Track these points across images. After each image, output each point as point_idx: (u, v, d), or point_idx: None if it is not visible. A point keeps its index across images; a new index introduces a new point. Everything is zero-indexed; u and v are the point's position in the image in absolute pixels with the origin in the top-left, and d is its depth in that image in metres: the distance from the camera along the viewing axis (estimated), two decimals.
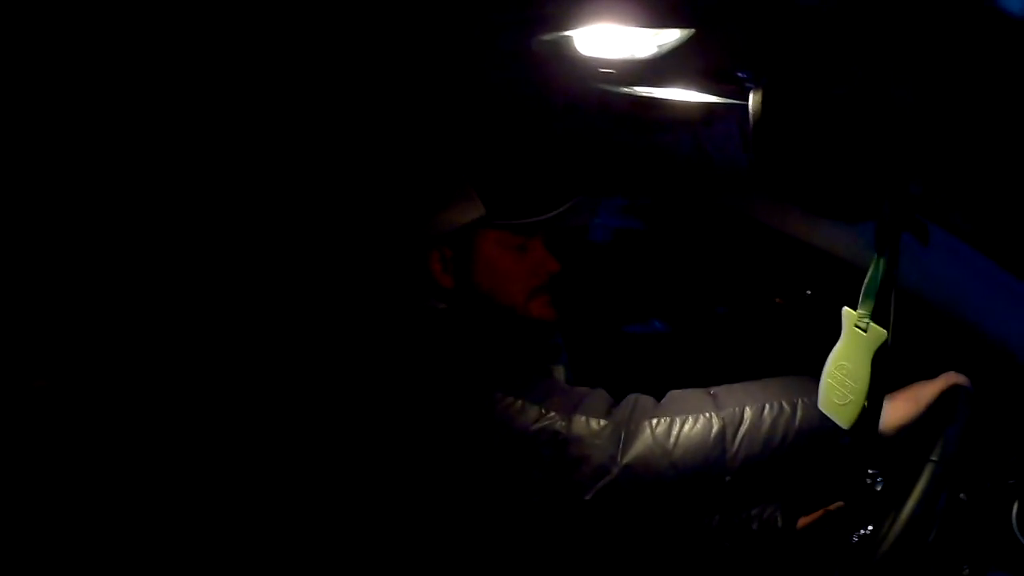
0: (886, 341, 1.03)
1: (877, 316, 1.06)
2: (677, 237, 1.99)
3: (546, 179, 1.57)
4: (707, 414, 1.29)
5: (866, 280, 1.04)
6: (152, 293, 1.70)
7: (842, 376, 1.10)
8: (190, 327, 1.74)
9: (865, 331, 1.06)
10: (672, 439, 1.27)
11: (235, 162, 1.72)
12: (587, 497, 1.28)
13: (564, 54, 1.04)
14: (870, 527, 1.31)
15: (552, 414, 1.31)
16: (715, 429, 1.27)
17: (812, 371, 1.19)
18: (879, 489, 1.37)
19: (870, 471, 1.38)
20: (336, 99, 1.53)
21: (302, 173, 1.78)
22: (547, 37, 1.03)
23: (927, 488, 1.22)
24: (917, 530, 1.22)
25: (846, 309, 1.10)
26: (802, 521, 1.54)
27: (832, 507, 1.49)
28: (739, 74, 1.00)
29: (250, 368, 1.76)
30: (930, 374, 1.30)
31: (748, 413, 1.29)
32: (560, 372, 1.65)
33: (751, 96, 0.90)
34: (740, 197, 1.48)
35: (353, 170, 1.73)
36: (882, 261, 1.02)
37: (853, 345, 1.09)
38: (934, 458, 1.23)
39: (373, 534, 1.47)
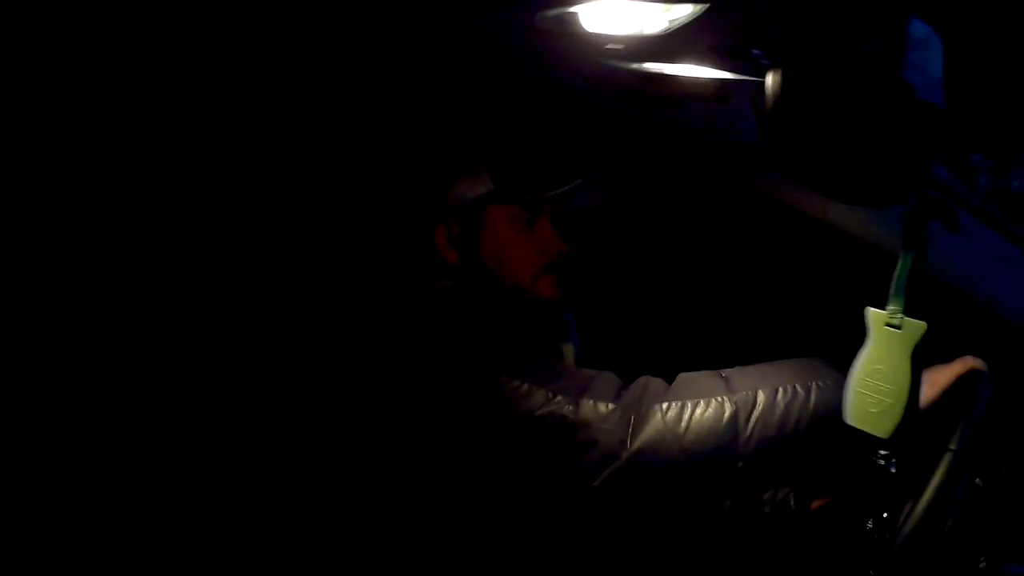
0: (925, 334, 1.00)
1: (911, 310, 1.02)
2: (688, 215, 1.96)
3: (555, 155, 1.54)
4: (719, 398, 1.26)
5: (896, 275, 1.01)
6: (151, 279, 1.68)
7: (876, 382, 1.07)
8: (190, 312, 1.72)
9: (899, 328, 1.02)
10: (683, 424, 1.25)
11: (239, 135, 1.69)
12: (596, 483, 1.25)
13: (569, 30, 1.00)
14: (884, 513, 1.30)
15: (559, 398, 1.28)
16: (727, 413, 1.25)
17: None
18: (893, 472, 1.35)
19: (884, 454, 1.35)
20: (343, 75, 1.50)
21: (307, 150, 1.75)
22: (552, 13, 0.98)
23: (945, 478, 1.20)
24: (934, 521, 1.20)
25: (872, 310, 1.06)
26: (815, 505, 1.52)
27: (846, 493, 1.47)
28: (754, 51, 0.96)
29: (251, 351, 1.74)
30: (946, 358, 1.27)
31: (761, 397, 1.26)
32: (570, 352, 1.62)
33: (769, 76, 0.86)
34: (754, 174, 1.44)
35: (361, 144, 1.71)
36: (909, 253, 0.98)
37: (886, 346, 1.05)
38: (952, 447, 1.20)
39: (377, 524, 1.45)
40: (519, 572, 1.40)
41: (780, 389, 1.26)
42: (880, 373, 1.06)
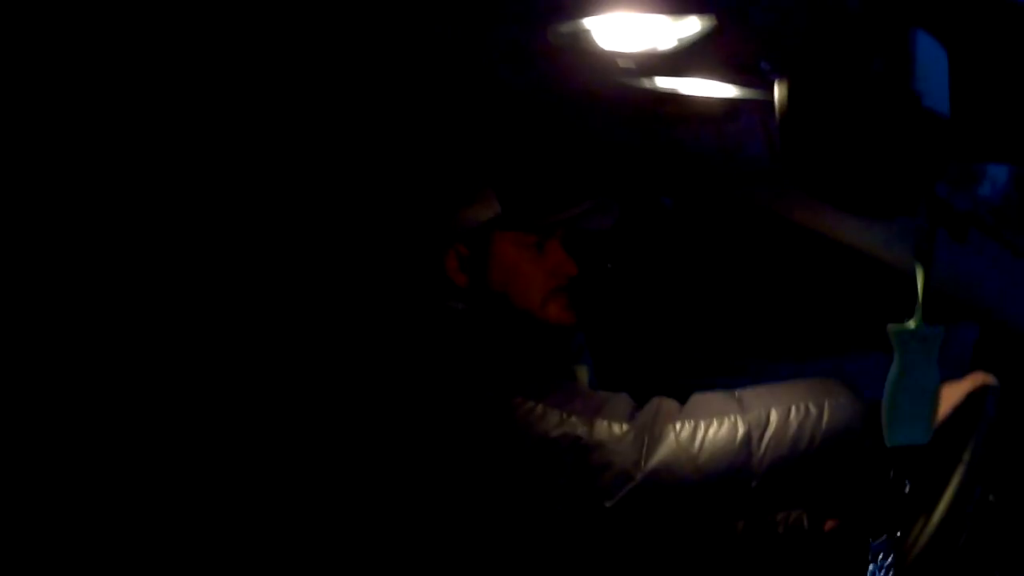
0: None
1: (928, 317, 1.04)
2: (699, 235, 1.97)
3: (564, 178, 1.55)
4: (732, 417, 1.27)
5: (919, 290, 1.02)
6: (159, 296, 1.69)
7: (909, 394, 1.08)
8: (198, 331, 1.73)
9: (925, 339, 1.04)
10: (697, 444, 1.25)
11: (247, 159, 1.70)
12: (609, 504, 1.26)
13: (581, 47, 1.02)
14: (897, 531, 1.29)
15: (573, 419, 1.28)
16: (741, 433, 1.25)
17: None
18: (906, 490, 1.35)
19: (896, 472, 1.35)
20: (351, 97, 1.51)
21: (317, 172, 1.77)
22: (563, 28, 1.00)
23: (958, 491, 1.20)
24: (948, 534, 1.20)
25: (894, 327, 1.08)
26: (829, 524, 1.51)
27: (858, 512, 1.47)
28: (762, 65, 0.97)
29: (261, 374, 1.75)
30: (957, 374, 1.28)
31: (774, 416, 1.26)
32: (583, 374, 1.62)
33: (776, 87, 0.88)
34: (764, 193, 1.45)
35: (369, 168, 1.72)
36: (921, 265, 1.00)
37: (915, 359, 1.07)
38: (965, 458, 1.20)
39: (388, 545, 1.44)
40: None
41: (793, 408, 1.26)
42: (914, 388, 1.08)
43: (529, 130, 1.52)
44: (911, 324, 1.05)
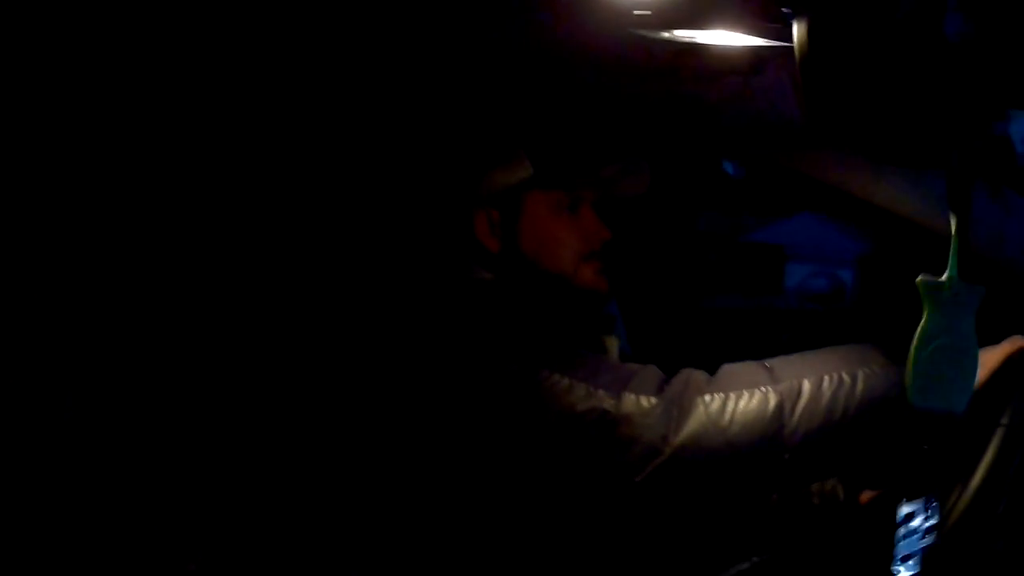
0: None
1: (965, 274, 1.00)
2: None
3: (595, 137, 1.52)
4: (763, 388, 1.24)
5: (955, 243, 0.98)
6: (167, 276, 1.70)
7: (943, 355, 1.04)
8: (221, 306, 1.74)
9: (959, 296, 1.00)
10: (727, 416, 1.23)
11: (271, 125, 1.70)
12: (638, 479, 1.24)
13: None
14: (935, 500, 1.26)
15: (600, 392, 1.26)
16: (772, 404, 1.23)
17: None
18: (943, 457, 1.31)
19: (933, 439, 1.31)
20: (373, 62, 1.49)
21: (340, 135, 1.76)
22: None
23: (996, 457, 1.17)
24: (986, 501, 1.16)
25: (925, 280, 1.04)
26: (865, 496, 1.48)
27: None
28: (783, 10, 0.94)
29: (283, 346, 1.75)
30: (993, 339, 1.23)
31: (807, 386, 1.24)
32: (614, 344, 1.60)
33: (795, 27, 0.84)
34: (795, 152, 1.41)
35: (398, 133, 1.71)
36: (956, 216, 0.96)
37: (947, 316, 1.03)
38: (1004, 422, 1.17)
39: (411, 521, 1.43)
40: (560, 569, 1.38)
41: (826, 377, 1.24)
42: (945, 346, 1.04)
43: (554, 88, 1.49)
44: (944, 278, 1.00)
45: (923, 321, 1.06)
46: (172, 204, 1.68)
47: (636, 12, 1.02)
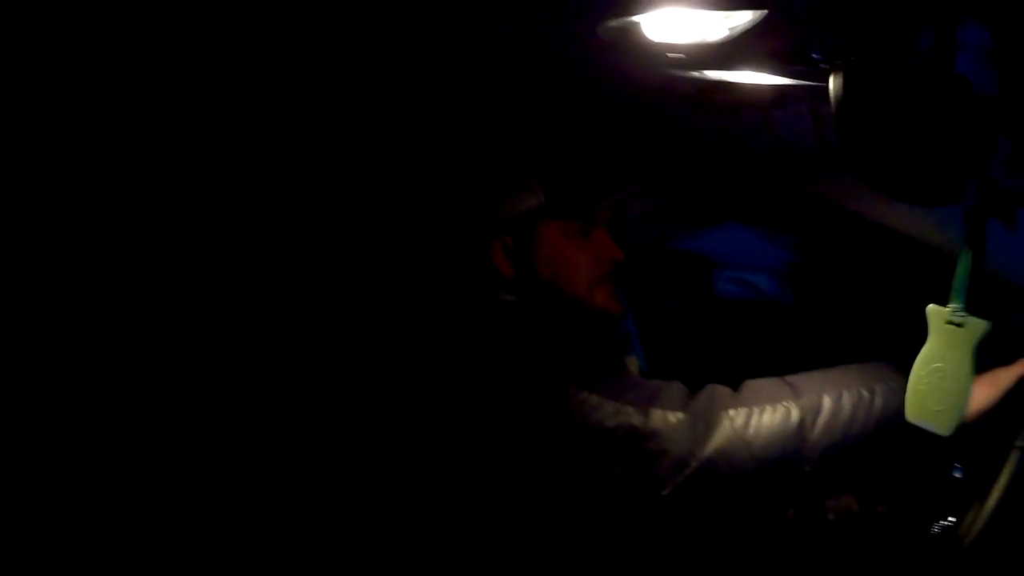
0: (987, 332, 1.01)
1: (972, 307, 1.03)
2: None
3: (606, 164, 1.55)
4: (785, 403, 1.28)
5: (957, 272, 1.02)
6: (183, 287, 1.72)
7: (937, 380, 1.07)
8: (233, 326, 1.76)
9: (961, 325, 1.03)
10: (751, 430, 1.26)
11: (287, 151, 1.72)
12: (665, 492, 1.27)
13: (631, 40, 1.03)
14: (951, 518, 1.29)
15: (628, 408, 1.30)
16: (794, 418, 1.26)
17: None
18: (959, 477, 1.34)
19: (949, 459, 1.34)
20: (394, 87, 1.52)
21: (362, 164, 1.77)
22: (614, 23, 1.01)
23: (1013, 476, 1.19)
24: (1002, 520, 1.19)
25: (933, 307, 1.07)
26: (880, 511, 1.51)
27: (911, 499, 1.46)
28: (813, 55, 0.97)
29: (316, 364, 1.77)
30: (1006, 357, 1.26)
31: (827, 401, 1.27)
32: (633, 363, 1.63)
33: (832, 78, 0.88)
34: (812, 178, 1.44)
35: (412, 161, 1.73)
36: (969, 250, 0.99)
37: (947, 344, 1.06)
38: (1019, 444, 1.19)
39: (440, 532, 1.46)
40: None
41: (845, 393, 1.27)
42: (941, 371, 1.07)
43: (572, 119, 1.52)
44: (949, 308, 1.04)
45: (926, 344, 1.09)
46: (200, 232, 1.71)
47: (670, 55, 1.05)
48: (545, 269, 1.51)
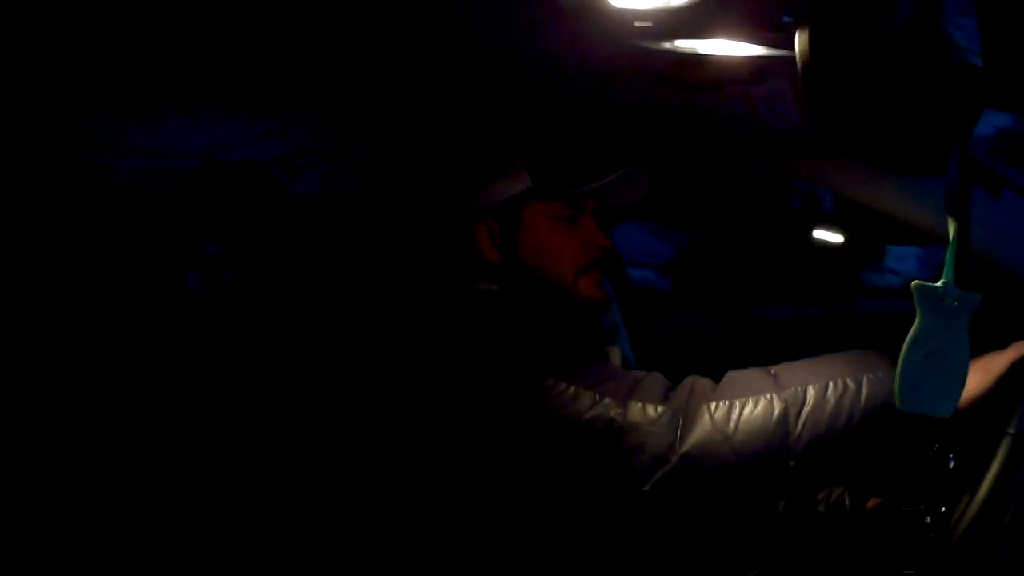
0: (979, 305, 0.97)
1: (962, 281, 0.99)
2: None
3: (593, 148, 1.52)
4: (768, 395, 1.24)
5: (952, 248, 0.98)
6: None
7: (932, 362, 1.04)
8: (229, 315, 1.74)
9: (954, 303, 0.99)
10: (732, 423, 1.23)
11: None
12: (645, 488, 1.24)
13: (594, 7, 0.98)
14: (942, 508, 1.25)
15: (607, 400, 1.26)
16: (777, 411, 1.22)
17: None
18: (950, 466, 1.31)
19: (939, 446, 1.31)
20: (377, 77, 1.48)
21: (345, 155, 1.76)
22: None
23: (1004, 464, 1.16)
24: (994, 510, 1.15)
25: (919, 284, 1.03)
26: (871, 503, 1.47)
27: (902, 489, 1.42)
28: (783, 19, 0.93)
29: (295, 356, 1.75)
30: (1000, 344, 1.24)
31: (811, 392, 1.23)
32: (616, 354, 1.59)
33: (797, 37, 0.84)
34: (796, 159, 1.41)
35: (395, 145, 1.70)
36: (954, 221, 0.95)
37: (939, 322, 1.02)
38: (1011, 431, 1.16)
39: (417, 528, 1.43)
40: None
41: (831, 384, 1.23)
42: (935, 352, 1.03)
43: (553, 99, 1.48)
44: (939, 284, 1.00)
45: (915, 325, 1.05)
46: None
47: (637, 23, 1.01)
48: (530, 255, 1.48)
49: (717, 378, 1.31)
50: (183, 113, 1.58)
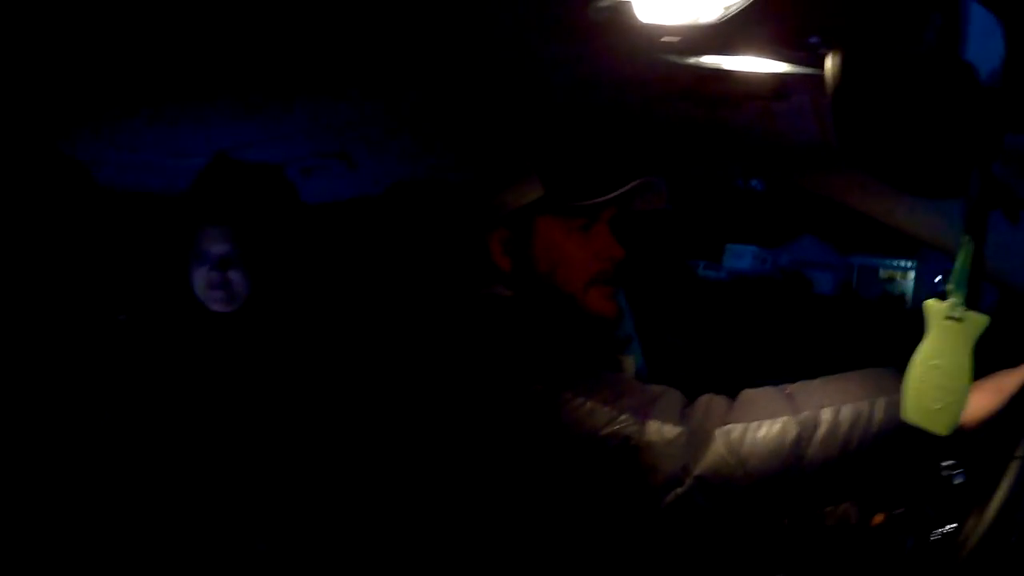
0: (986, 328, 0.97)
1: (972, 302, 0.99)
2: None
3: (609, 157, 1.51)
4: (783, 419, 1.23)
5: (957, 266, 0.98)
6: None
7: (936, 377, 1.04)
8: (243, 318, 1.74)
9: (960, 321, 1.00)
10: (746, 447, 1.22)
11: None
12: (659, 507, 1.23)
13: (622, 21, 0.99)
14: (950, 525, 1.25)
15: (623, 417, 1.25)
16: (791, 436, 1.21)
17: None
18: (959, 484, 1.30)
19: (949, 465, 1.31)
20: (391, 76, 1.49)
21: (359, 162, 1.76)
22: (603, 3, 0.97)
23: (1013, 487, 1.15)
24: (1001, 532, 1.15)
25: (931, 302, 1.03)
26: (878, 518, 1.47)
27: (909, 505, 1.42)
28: (811, 40, 0.94)
29: (296, 363, 1.75)
30: (1011, 363, 1.22)
31: (825, 416, 1.22)
32: (630, 364, 1.59)
33: (827, 60, 0.84)
34: (815, 174, 1.41)
35: (414, 155, 1.71)
36: (971, 243, 0.96)
37: (947, 340, 1.02)
38: (1019, 454, 1.16)
39: (431, 539, 1.43)
40: None
41: (844, 408, 1.22)
42: (939, 368, 1.04)
43: (572, 110, 1.48)
44: (949, 303, 1.00)
45: (924, 341, 1.06)
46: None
47: (664, 38, 1.02)
48: (542, 264, 1.47)
49: (732, 395, 1.31)
50: (202, 112, 1.58)
